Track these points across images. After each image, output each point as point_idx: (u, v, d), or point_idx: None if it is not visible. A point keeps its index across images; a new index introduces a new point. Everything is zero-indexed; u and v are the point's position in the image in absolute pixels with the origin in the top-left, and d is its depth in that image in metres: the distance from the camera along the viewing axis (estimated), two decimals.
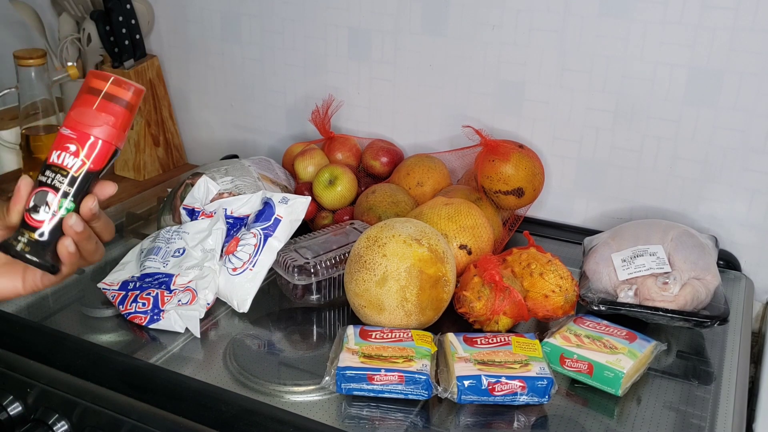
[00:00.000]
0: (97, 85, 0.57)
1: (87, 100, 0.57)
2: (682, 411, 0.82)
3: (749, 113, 1.06)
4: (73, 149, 0.56)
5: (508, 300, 0.90)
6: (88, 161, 0.57)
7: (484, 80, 1.22)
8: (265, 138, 1.47)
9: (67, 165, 0.56)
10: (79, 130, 0.56)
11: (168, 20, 1.47)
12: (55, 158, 0.56)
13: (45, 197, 0.56)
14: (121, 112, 0.58)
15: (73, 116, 0.57)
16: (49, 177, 0.56)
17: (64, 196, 0.57)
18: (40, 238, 0.57)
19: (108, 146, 0.57)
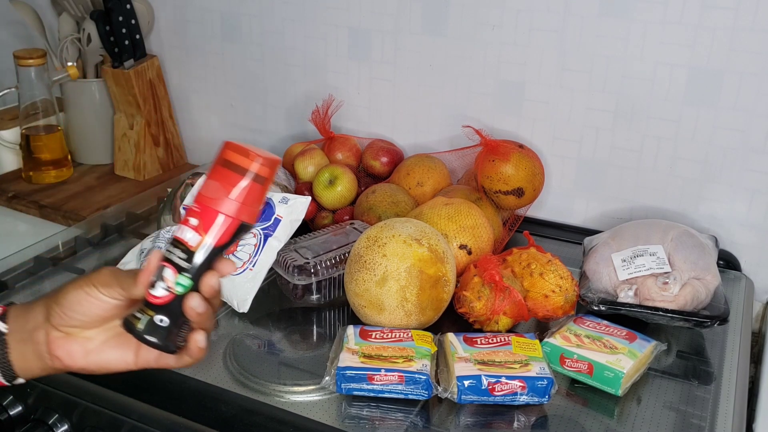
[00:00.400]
0: (230, 158, 0.53)
1: (217, 174, 0.54)
2: (682, 411, 0.82)
3: (749, 113, 1.06)
4: (195, 224, 0.53)
5: (508, 300, 0.90)
6: (210, 237, 0.53)
7: (484, 80, 1.22)
8: (265, 138, 1.47)
9: (188, 240, 0.53)
10: (204, 205, 0.53)
11: (168, 20, 1.47)
12: (178, 232, 0.53)
13: (162, 272, 0.53)
14: (255, 188, 0.53)
15: (203, 190, 0.54)
16: (170, 252, 0.53)
17: (181, 271, 0.53)
18: (158, 320, 0.53)
19: (235, 223, 0.53)
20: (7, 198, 1.37)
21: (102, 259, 1.14)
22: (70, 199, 1.36)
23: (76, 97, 1.47)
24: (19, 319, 0.59)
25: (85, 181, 1.45)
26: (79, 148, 1.51)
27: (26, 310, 0.60)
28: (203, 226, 0.52)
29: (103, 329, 0.60)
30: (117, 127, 1.47)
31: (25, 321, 0.59)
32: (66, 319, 0.57)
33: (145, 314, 0.53)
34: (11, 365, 0.58)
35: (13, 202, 1.36)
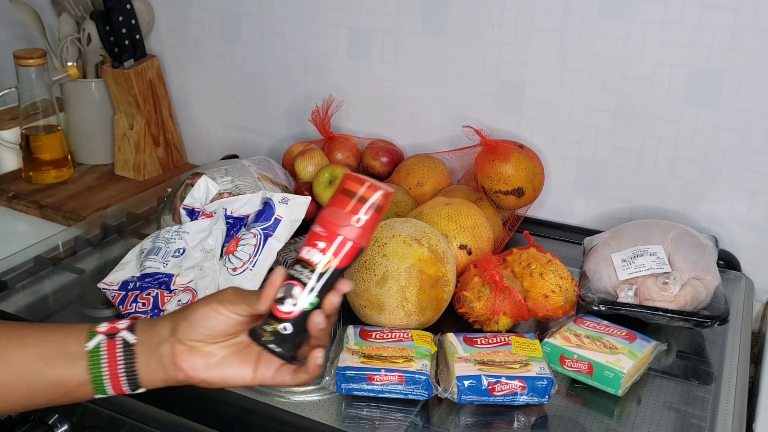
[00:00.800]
0: (351, 188, 0.59)
1: (340, 201, 0.59)
2: (682, 411, 0.82)
3: (749, 113, 1.06)
4: (322, 246, 0.57)
5: (508, 300, 0.90)
6: (335, 259, 0.58)
7: (484, 80, 1.22)
8: (265, 138, 1.47)
9: (315, 261, 0.57)
10: (329, 229, 0.58)
11: (168, 20, 1.47)
12: (304, 254, 0.58)
13: (291, 290, 0.57)
14: (372, 215, 0.59)
15: (326, 216, 0.59)
16: (298, 271, 0.58)
17: (310, 291, 0.58)
18: (284, 331, 0.58)
19: (355, 247, 0.59)
20: (7, 198, 1.37)
21: (102, 259, 1.14)
22: (70, 199, 1.36)
23: (76, 97, 1.47)
24: (146, 332, 0.63)
25: (85, 181, 1.45)
26: (79, 148, 1.51)
27: (152, 324, 0.63)
28: (329, 250, 0.58)
29: (224, 345, 0.63)
30: (117, 127, 1.47)
31: (151, 334, 0.62)
32: (192, 333, 0.61)
33: (271, 326, 0.58)
34: (137, 374, 0.61)
35: (13, 202, 1.36)
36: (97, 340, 0.61)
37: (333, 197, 0.60)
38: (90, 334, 0.62)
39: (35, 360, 0.60)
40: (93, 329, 0.62)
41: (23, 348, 0.61)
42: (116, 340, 0.62)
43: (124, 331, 0.62)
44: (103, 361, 0.61)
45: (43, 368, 0.60)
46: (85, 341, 0.61)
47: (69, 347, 0.61)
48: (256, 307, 0.60)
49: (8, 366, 0.60)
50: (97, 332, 0.62)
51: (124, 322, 0.63)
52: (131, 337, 0.62)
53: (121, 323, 0.63)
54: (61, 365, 0.61)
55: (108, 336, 0.62)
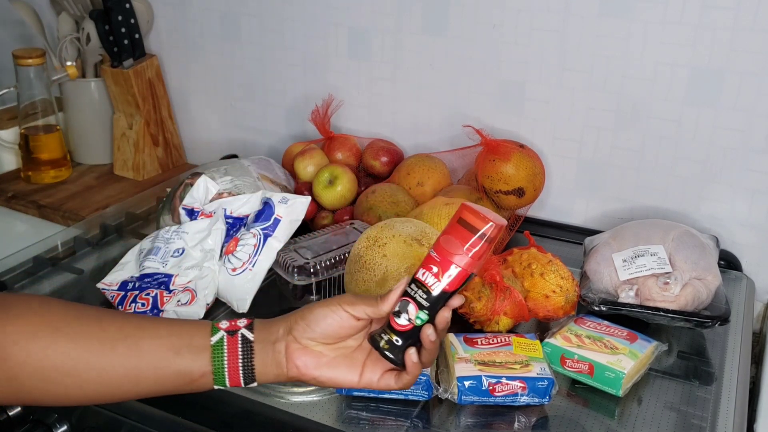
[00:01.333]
0: (467, 219, 0.64)
1: (455, 230, 0.65)
2: (683, 411, 0.82)
3: (750, 113, 1.06)
4: (435, 271, 0.64)
5: (508, 300, 0.90)
6: (446, 284, 0.64)
7: (484, 80, 1.22)
8: (265, 138, 1.47)
9: (429, 284, 0.64)
10: (444, 257, 0.64)
11: (167, 20, 1.46)
12: (420, 275, 0.65)
13: (407, 306, 0.64)
14: (483, 245, 0.64)
15: (442, 243, 0.65)
16: (414, 290, 0.65)
17: (421, 309, 0.64)
18: (397, 342, 0.65)
19: (465, 273, 0.64)
20: (6, 198, 1.37)
21: (101, 259, 1.14)
22: (69, 199, 1.36)
23: (75, 97, 1.47)
24: (263, 330, 0.67)
25: (84, 181, 1.44)
26: (78, 147, 1.51)
27: (269, 323, 0.68)
28: (442, 275, 0.64)
29: (335, 347, 0.68)
30: (116, 126, 1.47)
31: (268, 332, 0.67)
32: (308, 332, 0.66)
33: (387, 335, 0.65)
34: (253, 369, 0.66)
35: (12, 202, 1.36)
36: (220, 335, 0.66)
37: (450, 225, 0.66)
38: (213, 330, 0.66)
39: (167, 349, 0.65)
40: (216, 325, 0.67)
41: (157, 338, 0.65)
42: (237, 337, 0.66)
43: (244, 329, 0.67)
44: (225, 354, 0.65)
45: (172, 358, 0.65)
46: (210, 335, 0.66)
47: (196, 339, 0.66)
48: (378, 309, 0.65)
49: (142, 353, 0.65)
50: (220, 328, 0.67)
51: (243, 321, 0.68)
52: (250, 334, 0.67)
53: (241, 321, 0.68)
54: (188, 356, 0.65)
55: (229, 333, 0.66)
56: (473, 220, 0.64)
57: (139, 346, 0.65)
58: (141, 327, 0.66)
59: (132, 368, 0.64)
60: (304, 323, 0.66)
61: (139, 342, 0.65)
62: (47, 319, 0.64)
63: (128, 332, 0.65)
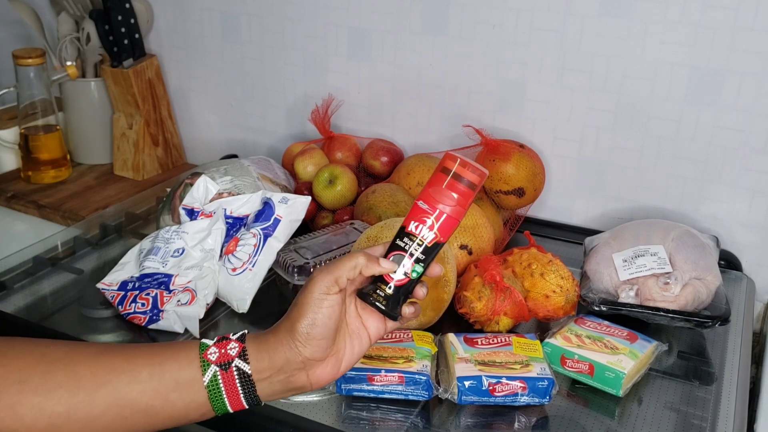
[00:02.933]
0: (452, 168, 0.64)
1: (442, 180, 0.64)
2: (683, 411, 0.82)
3: (750, 113, 1.06)
4: (429, 223, 0.64)
5: (508, 300, 0.90)
6: (439, 234, 0.64)
7: (484, 80, 1.22)
8: (265, 138, 1.47)
9: (423, 236, 0.64)
10: (433, 205, 0.64)
11: (167, 19, 1.46)
12: (412, 228, 0.64)
13: (401, 260, 0.64)
14: (470, 193, 0.64)
15: (432, 193, 0.64)
16: (407, 243, 0.64)
17: (417, 262, 0.64)
18: (391, 292, 0.65)
19: (456, 222, 0.64)
20: (6, 198, 1.36)
21: (101, 259, 1.14)
22: (68, 199, 1.36)
23: (75, 97, 1.47)
24: (261, 357, 0.62)
25: (84, 180, 1.44)
26: (78, 147, 1.51)
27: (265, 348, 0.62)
28: (438, 229, 0.64)
29: (341, 336, 0.65)
30: (116, 126, 1.47)
31: (270, 360, 0.62)
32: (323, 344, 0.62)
33: (380, 290, 0.64)
34: (258, 397, 0.63)
35: (12, 202, 1.36)
36: (212, 372, 0.61)
37: (435, 175, 0.65)
38: (203, 365, 0.61)
39: (153, 396, 0.59)
40: (204, 357, 0.61)
41: (138, 383, 0.59)
42: (231, 371, 0.61)
43: (237, 359, 0.61)
44: (223, 392, 0.61)
45: (162, 403, 0.60)
46: (200, 373, 0.60)
47: (183, 377, 0.60)
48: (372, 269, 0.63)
49: (126, 402, 0.59)
50: (210, 362, 0.61)
51: (233, 346, 0.62)
52: (245, 366, 0.61)
53: (231, 347, 0.62)
54: (180, 399, 0.60)
55: (221, 366, 0.61)
56: (465, 172, 0.64)
57: (120, 393, 0.58)
58: (116, 370, 0.59)
59: (118, 418, 0.58)
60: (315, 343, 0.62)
61: (119, 389, 0.59)
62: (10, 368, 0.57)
63: (103, 378, 0.58)
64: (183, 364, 0.60)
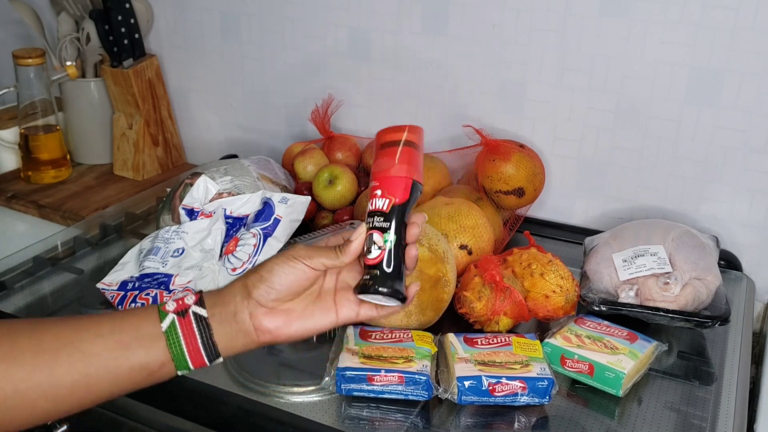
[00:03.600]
0: (383, 138, 0.68)
1: (380, 153, 0.67)
2: (683, 411, 0.82)
3: (750, 113, 1.06)
4: (379, 193, 0.65)
5: (508, 300, 0.90)
6: (393, 197, 0.65)
7: (484, 80, 1.22)
8: (265, 138, 1.47)
9: (380, 207, 0.65)
10: (378, 177, 0.66)
11: (167, 20, 1.46)
12: (370, 206, 0.66)
13: (372, 238, 0.65)
14: (410, 150, 0.67)
15: (374, 169, 0.67)
16: (371, 221, 0.65)
17: (385, 231, 0.65)
18: (378, 272, 0.64)
19: (407, 181, 0.66)
20: (6, 198, 1.36)
21: (101, 259, 1.14)
22: (68, 199, 1.36)
23: (75, 97, 1.47)
24: (216, 302, 0.64)
25: (84, 180, 1.44)
26: (78, 147, 1.51)
27: (220, 293, 0.65)
28: (386, 193, 0.65)
29: (301, 299, 0.66)
30: (116, 126, 1.47)
31: (223, 304, 0.64)
32: (272, 293, 0.63)
33: (371, 275, 0.64)
34: (216, 346, 0.63)
35: (12, 202, 1.36)
36: (170, 319, 0.62)
37: (375, 153, 0.68)
38: (161, 315, 0.62)
39: (114, 348, 0.61)
40: (162, 308, 0.63)
41: (100, 337, 0.61)
42: (189, 317, 0.63)
43: (194, 306, 0.63)
44: (181, 339, 0.62)
45: (124, 354, 0.61)
46: (158, 321, 0.62)
47: (144, 330, 0.62)
48: (339, 260, 0.64)
49: (89, 357, 0.60)
50: (167, 311, 0.63)
51: (190, 297, 0.64)
52: (202, 311, 0.63)
53: (189, 298, 0.64)
54: (141, 348, 0.61)
55: (179, 314, 0.62)
56: (390, 136, 0.67)
57: (82, 350, 0.60)
58: (79, 329, 0.61)
59: (80, 375, 0.60)
60: (266, 285, 0.63)
61: (81, 346, 0.60)
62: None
63: (66, 338, 0.60)
64: (143, 317, 0.63)
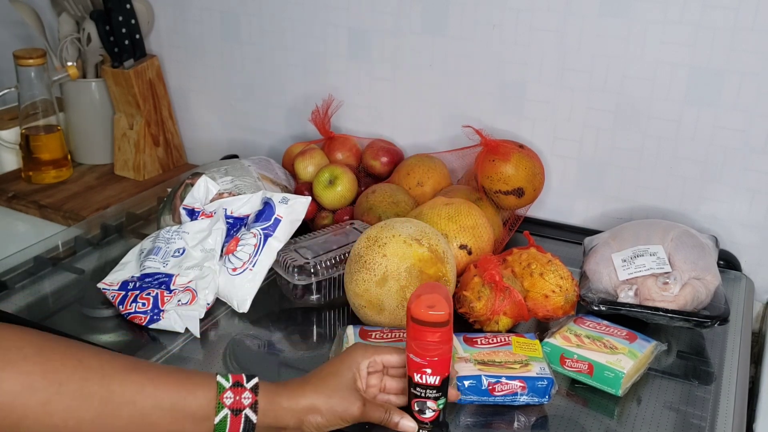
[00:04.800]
0: (422, 318, 0.71)
1: (419, 332, 0.71)
2: (682, 411, 0.82)
3: (749, 113, 1.06)
4: (429, 371, 0.72)
5: (508, 300, 0.90)
6: (444, 374, 0.72)
7: (484, 80, 1.22)
8: (265, 138, 1.47)
9: (431, 382, 0.72)
10: (423, 357, 0.71)
11: (168, 20, 1.47)
12: (419, 379, 0.72)
13: (425, 405, 0.73)
14: (444, 330, 0.71)
15: (415, 347, 0.72)
16: (421, 391, 0.73)
17: (436, 399, 0.73)
18: (432, 426, 0.74)
19: (447, 357, 0.72)
20: (7, 198, 1.37)
21: (102, 259, 1.14)
22: (69, 199, 1.36)
23: (76, 97, 1.47)
24: (269, 414, 0.69)
25: (84, 181, 1.45)
26: (79, 148, 1.51)
27: (276, 406, 0.69)
28: (437, 372, 0.72)
29: None
30: (117, 127, 1.47)
31: (275, 418, 0.69)
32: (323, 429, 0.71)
33: (425, 428, 0.74)
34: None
35: (13, 202, 1.36)
36: (223, 414, 0.66)
37: (409, 326, 0.72)
38: (218, 406, 0.66)
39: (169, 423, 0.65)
40: (221, 400, 0.67)
41: (160, 409, 0.65)
42: (240, 418, 0.67)
43: (248, 409, 0.67)
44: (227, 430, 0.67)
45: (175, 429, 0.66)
46: (213, 413, 0.66)
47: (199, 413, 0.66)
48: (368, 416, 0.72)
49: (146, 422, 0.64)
50: (224, 405, 0.67)
51: (247, 397, 0.68)
52: (253, 416, 0.67)
53: (245, 397, 0.68)
54: (191, 428, 0.66)
55: (233, 412, 0.67)
56: (427, 316, 0.70)
57: (143, 413, 0.64)
58: (143, 391, 0.64)
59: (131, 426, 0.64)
60: (319, 427, 0.70)
61: (143, 410, 0.64)
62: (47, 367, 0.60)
63: (130, 396, 0.63)
64: (202, 403, 0.66)
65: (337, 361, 0.74)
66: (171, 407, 0.65)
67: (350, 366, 0.73)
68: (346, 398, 0.70)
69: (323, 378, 0.72)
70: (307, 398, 0.70)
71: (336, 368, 0.73)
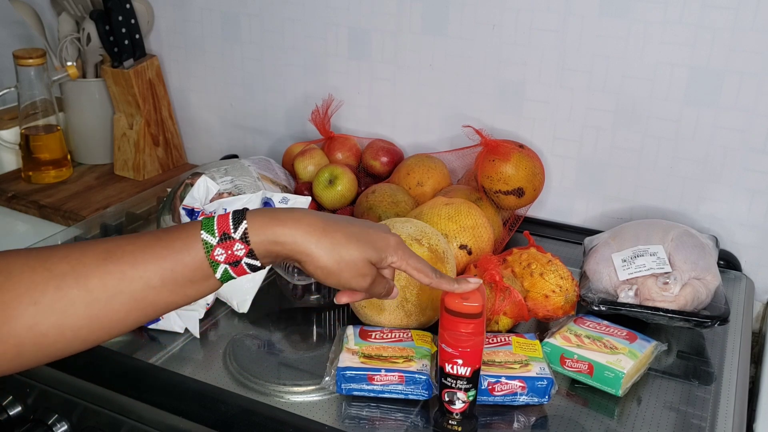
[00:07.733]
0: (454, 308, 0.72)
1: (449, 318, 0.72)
2: (682, 411, 0.82)
3: (749, 113, 1.06)
4: (461, 362, 0.73)
5: (508, 300, 0.90)
6: (473, 364, 0.73)
7: (484, 80, 1.22)
8: (265, 138, 1.47)
9: (462, 373, 0.74)
10: (456, 347, 0.73)
11: (168, 20, 1.47)
12: (450, 369, 0.74)
13: (455, 396, 0.75)
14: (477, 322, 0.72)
15: (448, 338, 0.73)
16: (452, 382, 0.75)
17: (468, 390, 0.75)
18: (460, 417, 0.76)
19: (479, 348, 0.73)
20: (7, 198, 1.37)
21: None
22: (69, 199, 1.36)
23: (76, 97, 1.47)
24: (270, 253, 0.65)
25: (84, 181, 1.44)
26: (79, 147, 1.51)
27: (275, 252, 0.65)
28: (468, 362, 0.73)
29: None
30: (116, 126, 1.47)
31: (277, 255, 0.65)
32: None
33: (456, 420, 0.76)
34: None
35: (13, 202, 1.36)
36: (222, 269, 0.63)
37: (443, 317, 0.73)
38: (213, 265, 0.63)
39: (168, 295, 0.62)
40: (212, 258, 0.63)
41: (151, 288, 0.61)
42: (242, 266, 0.64)
43: (245, 258, 0.63)
44: (235, 277, 0.64)
45: (180, 298, 0.63)
46: (211, 271, 0.63)
47: (196, 276, 0.63)
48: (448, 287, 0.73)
49: (144, 302, 0.61)
50: (219, 262, 0.63)
51: (240, 248, 0.63)
52: (255, 261, 0.64)
53: (237, 249, 0.63)
54: (195, 290, 0.63)
55: (231, 264, 0.63)
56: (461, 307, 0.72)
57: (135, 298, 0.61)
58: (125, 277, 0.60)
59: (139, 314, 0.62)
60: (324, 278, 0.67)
61: (134, 295, 0.60)
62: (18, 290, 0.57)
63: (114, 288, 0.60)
64: (193, 267, 0.62)
65: (369, 227, 0.69)
66: (162, 283, 0.61)
67: (376, 243, 0.68)
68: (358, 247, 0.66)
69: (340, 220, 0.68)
70: (312, 215, 0.66)
71: (366, 231, 0.68)
